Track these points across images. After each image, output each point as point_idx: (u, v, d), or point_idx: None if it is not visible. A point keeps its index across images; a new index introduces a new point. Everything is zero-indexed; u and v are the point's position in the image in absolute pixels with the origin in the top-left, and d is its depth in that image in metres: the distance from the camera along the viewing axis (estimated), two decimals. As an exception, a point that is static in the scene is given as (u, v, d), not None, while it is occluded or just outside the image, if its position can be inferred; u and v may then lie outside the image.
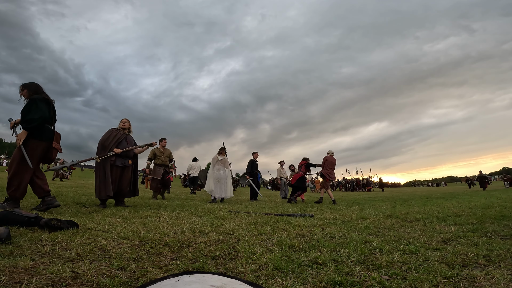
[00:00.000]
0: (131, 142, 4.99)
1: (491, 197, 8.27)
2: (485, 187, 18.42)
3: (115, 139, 4.76)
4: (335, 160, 7.92)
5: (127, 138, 4.91)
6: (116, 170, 4.65)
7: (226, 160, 7.23)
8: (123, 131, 4.95)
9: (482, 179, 18.88)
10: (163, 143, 7.46)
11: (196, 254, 1.83)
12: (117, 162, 4.63)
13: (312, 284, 1.34)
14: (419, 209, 4.95)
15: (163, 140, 7.52)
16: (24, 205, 3.71)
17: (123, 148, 4.71)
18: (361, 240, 2.27)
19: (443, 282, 1.37)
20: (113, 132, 4.86)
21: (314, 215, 4.08)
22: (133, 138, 5.10)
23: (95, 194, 4.59)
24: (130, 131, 5.10)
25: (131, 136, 5.09)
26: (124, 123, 5.05)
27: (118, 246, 1.95)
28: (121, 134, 4.87)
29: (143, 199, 6.32)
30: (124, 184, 4.76)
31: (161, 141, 7.44)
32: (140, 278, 1.36)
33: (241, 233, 2.55)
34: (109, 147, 4.64)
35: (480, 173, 19.70)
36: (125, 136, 4.89)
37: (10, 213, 2.37)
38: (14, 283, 1.21)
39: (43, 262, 1.50)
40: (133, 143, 5.00)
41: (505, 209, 4.48)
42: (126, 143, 4.85)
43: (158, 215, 3.61)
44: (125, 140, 4.87)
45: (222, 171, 7.05)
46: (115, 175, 4.63)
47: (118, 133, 4.86)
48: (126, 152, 4.72)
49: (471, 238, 2.35)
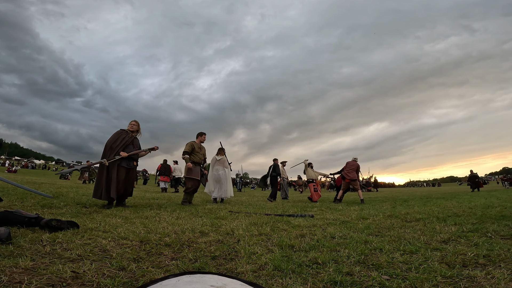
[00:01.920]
0: (137, 145, 5.01)
1: (491, 197, 8.27)
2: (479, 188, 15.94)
3: (122, 142, 4.79)
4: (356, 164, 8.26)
5: (133, 142, 4.94)
6: (122, 170, 4.68)
7: (224, 160, 7.17)
8: (131, 133, 4.97)
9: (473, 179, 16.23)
10: (201, 138, 6.39)
11: (197, 254, 1.83)
12: (122, 163, 4.68)
13: (312, 284, 1.35)
14: (419, 209, 4.94)
15: (203, 134, 6.43)
16: (24, 206, 3.71)
17: (130, 151, 4.77)
18: (361, 240, 2.27)
19: (443, 282, 1.37)
20: (121, 135, 4.88)
21: (314, 215, 4.08)
22: (139, 141, 5.12)
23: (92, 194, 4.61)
24: (138, 134, 5.12)
25: (138, 139, 5.10)
26: (133, 126, 5.04)
27: (119, 246, 1.95)
28: (129, 137, 4.90)
29: (143, 200, 6.31)
30: (128, 184, 4.80)
31: (200, 136, 6.38)
32: (140, 278, 1.36)
33: (241, 234, 2.55)
34: (116, 149, 4.68)
35: (471, 172, 16.89)
36: (132, 140, 4.92)
37: (11, 214, 2.37)
38: (15, 283, 1.21)
39: (43, 263, 1.50)
40: (139, 146, 5.03)
41: (505, 209, 4.47)
42: (132, 146, 4.88)
43: (158, 216, 3.62)
44: (132, 143, 4.90)
45: (221, 171, 7.01)
46: (121, 175, 4.65)
47: (126, 136, 4.88)
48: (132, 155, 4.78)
49: (471, 238, 2.35)
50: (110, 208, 4.32)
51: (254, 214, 4.27)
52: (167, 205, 5.22)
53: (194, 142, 6.21)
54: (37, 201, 4.27)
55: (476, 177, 16.38)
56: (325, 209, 5.32)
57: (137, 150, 4.88)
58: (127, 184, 4.76)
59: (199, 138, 6.32)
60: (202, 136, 6.35)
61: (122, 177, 4.66)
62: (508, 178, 22.33)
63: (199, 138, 6.32)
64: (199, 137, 6.32)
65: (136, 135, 5.06)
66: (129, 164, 4.77)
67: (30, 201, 4.26)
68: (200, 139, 6.32)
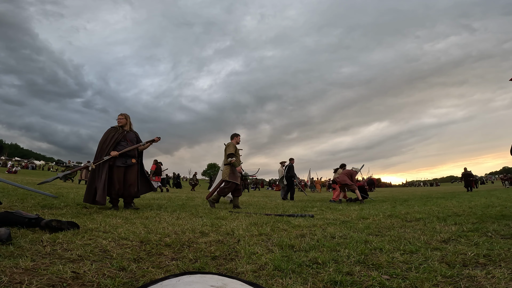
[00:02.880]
0: (132, 139, 4.59)
1: (491, 196, 8.26)
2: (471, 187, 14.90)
3: (112, 140, 4.42)
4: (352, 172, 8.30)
5: (127, 137, 4.53)
6: (118, 170, 4.37)
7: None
8: (121, 129, 4.57)
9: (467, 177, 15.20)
10: (238, 139, 5.89)
11: (197, 255, 1.83)
12: (117, 162, 4.36)
13: (312, 284, 1.35)
14: (419, 209, 4.94)
15: (238, 135, 5.92)
16: (24, 206, 3.71)
17: (123, 148, 4.41)
18: (361, 240, 2.27)
19: (444, 282, 1.37)
20: (110, 133, 4.51)
21: (314, 215, 4.08)
22: (135, 134, 4.70)
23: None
24: (130, 127, 4.68)
25: (132, 133, 4.67)
26: (120, 120, 4.59)
27: (119, 246, 1.95)
28: (119, 133, 4.50)
29: (144, 200, 6.31)
30: (129, 184, 4.44)
31: (236, 137, 5.88)
32: (140, 279, 1.37)
33: (241, 234, 2.55)
34: (107, 150, 4.34)
35: (465, 170, 15.73)
36: (124, 135, 4.52)
37: (11, 214, 2.37)
38: (15, 283, 1.22)
39: (44, 263, 1.50)
40: (135, 140, 4.62)
41: (506, 209, 4.47)
42: (126, 142, 4.49)
43: (158, 216, 3.62)
44: (125, 139, 4.50)
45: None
46: (118, 176, 4.35)
47: (116, 133, 4.50)
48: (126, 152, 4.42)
49: (471, 238, 2.35)
50: (116, 209, 4.15)
51: (254, 214, 4.27)
52: (167, 206, 5.22)
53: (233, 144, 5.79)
54: (37, 202, 4.27)
55: (470, 175, 15.43)
56: (325, 209, 5.32)
57: (132, 146, 4.48)
58: (127, 184, 4.42)
59: (235, 139, 5.86)
60: (238, 137, 5.90)
61: (119, 177, 4.35)
62: (509, 178, 22.32)
63: (235, 139, 5.86)
64: (235, 138, 5.87)
65: (128, 129, 4.63)
66: (126, 162, 4.41)
67: (30, 201, 4.26)
68: (236, 140, 5.87)
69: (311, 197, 11.56)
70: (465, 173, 15.63)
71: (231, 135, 5.96)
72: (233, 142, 5.83)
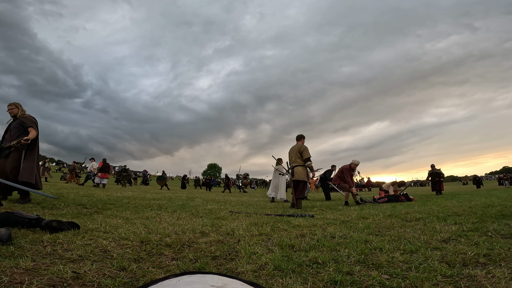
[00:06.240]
0: (16, 127, 4.31)
1: (491, 196, 8.26)
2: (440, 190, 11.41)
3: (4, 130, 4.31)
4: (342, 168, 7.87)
5: (10, 127, 4.35)
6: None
7: (280, 168, 8.52)
8: (13, 120, 4.41)
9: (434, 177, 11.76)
10: (304, 141, 6.14)
11: (197, 255, 1.83)
12: None
13: (312, 283, 1.35)
14: (419, 209, 4.94)
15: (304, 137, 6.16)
16: (24, 207, 3.71)
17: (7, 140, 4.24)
18: (361, 240, 2.28)
19: (444, 281, 1.37)
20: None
21: (314, 215, 4.09)
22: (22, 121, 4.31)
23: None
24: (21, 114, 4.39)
25: (20, 120, 4.32)
26: (11, 111, 4.37)
27: (119, 246, 1.95)
28: (9, 123, 4.40)
29: (144, 200, 6.31)
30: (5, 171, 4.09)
31: (303, 138, 6.12)
32: (141, 279, 1.37)
33: (241, 234, 2.55)
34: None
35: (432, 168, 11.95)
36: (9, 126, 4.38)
37: (11, 215, 2.38)
38: (16, 283, 1.22)
39: (44, 263, 1.51)
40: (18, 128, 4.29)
41: (506, 208, 4.47)
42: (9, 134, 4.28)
43: (159, 216, 3.62)
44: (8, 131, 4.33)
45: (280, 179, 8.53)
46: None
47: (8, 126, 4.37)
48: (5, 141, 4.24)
49: (471, 237, 2.35)
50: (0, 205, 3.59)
51: (254, 214, 4.27)
52: (167, 206, 5.22)
53: None
54: (38, 202, 4.27)
55: (438, 175, 11.68)
56: (325, 209, 5.33)
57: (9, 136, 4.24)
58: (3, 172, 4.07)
59: (302, 140, 6.09)
60: (304, 139, 6.16)
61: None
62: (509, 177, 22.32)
63: (302, 141, 6.10)
64: (302, 140, 6.09)
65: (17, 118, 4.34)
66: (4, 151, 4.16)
67: (31, 202, 4.26)
68: (303, 141, 6.11)
69: (311, 197, 11.56)
70: (432, 172, 11.83)
71: (299, 136, 6.15)
72: (304, 144, 6.07)
